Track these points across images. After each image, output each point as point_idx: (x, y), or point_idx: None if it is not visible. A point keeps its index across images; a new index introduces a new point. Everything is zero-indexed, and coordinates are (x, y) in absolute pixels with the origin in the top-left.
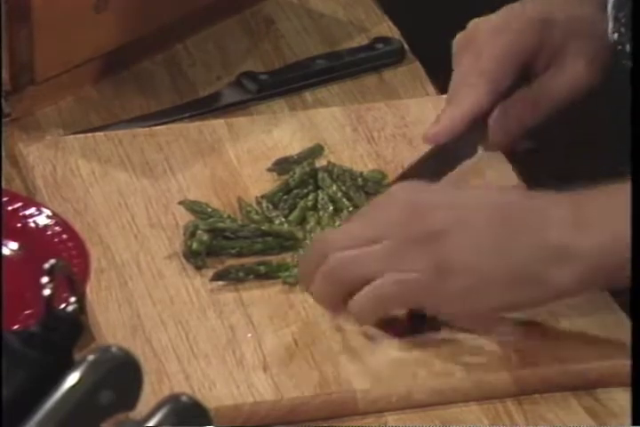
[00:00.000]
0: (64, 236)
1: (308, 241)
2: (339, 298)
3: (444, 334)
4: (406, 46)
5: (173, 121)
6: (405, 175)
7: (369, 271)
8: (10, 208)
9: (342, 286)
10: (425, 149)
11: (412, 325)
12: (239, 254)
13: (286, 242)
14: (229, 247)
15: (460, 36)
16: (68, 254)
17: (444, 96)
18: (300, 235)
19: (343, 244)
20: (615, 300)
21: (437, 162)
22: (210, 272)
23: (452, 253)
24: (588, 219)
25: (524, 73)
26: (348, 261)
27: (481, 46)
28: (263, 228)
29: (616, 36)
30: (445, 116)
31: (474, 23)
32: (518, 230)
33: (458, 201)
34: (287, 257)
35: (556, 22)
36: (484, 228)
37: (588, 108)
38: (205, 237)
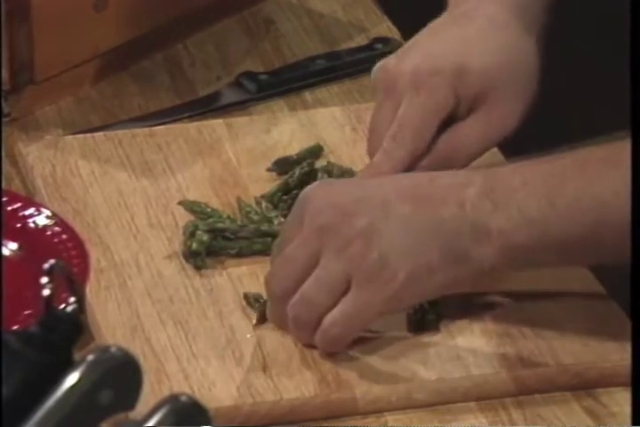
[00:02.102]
0: (63, 236)
1: None
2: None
3: (443, 334)
4: None
5: (173, 121)
6: None
7: (321, 308)
8: (9, 208)
9: (311, 325)
10: None
11: (411, 326)
12: (239, 254)
13: None
14: (229, 248)
15: (379, 75)
16: (67, 254)
17: None
18: None
19: (287, 276)
20: (615, 300)
21: None
22: (209, 272)
23: (386, 246)
24: (502, 196)
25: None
26: (299, 306)
27: (399, 99)
28: (263, 228)
29: None
30: (378, 172)
31: (394, 63)
32: (438, 209)
33: (372, 191)
34: None
35: (475, 71)
36: (406, 213)
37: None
38: (205, 237)
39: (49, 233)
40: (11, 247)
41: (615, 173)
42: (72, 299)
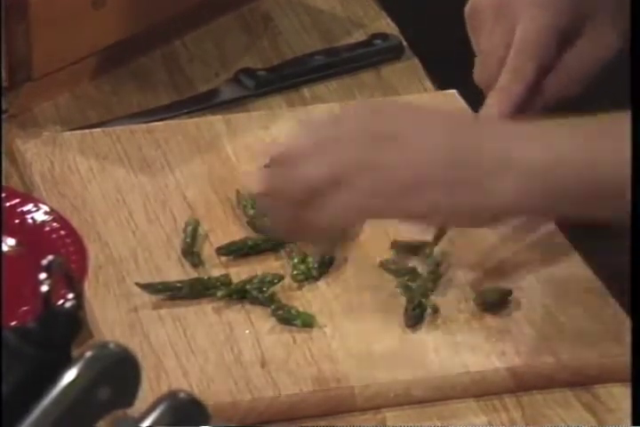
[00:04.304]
0: (62, 232)
1: None
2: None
3: (441, 330)
4: (404, 42)
5: (171, 117)
6: None
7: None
8: (8, 204)
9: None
10: None
11: (410, 321)
12: (247, 254)
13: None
14: (238, 250)
15: (479, 3)
16: (65, 251)
17: (442, 92)
18: None
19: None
20: (614, 297)
21: None
22: (207, 269)
23: (403, 151)
24: (535, 135)
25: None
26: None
27: (516, 17)
28: (268, 224)
29: None
30: (497, 103)
31: None
32: (465, 135)
33: (411, 111)
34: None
35: None
36: (435, 130)
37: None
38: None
39: (47, 229)
40: (9, 243)
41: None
42: (70, 295)
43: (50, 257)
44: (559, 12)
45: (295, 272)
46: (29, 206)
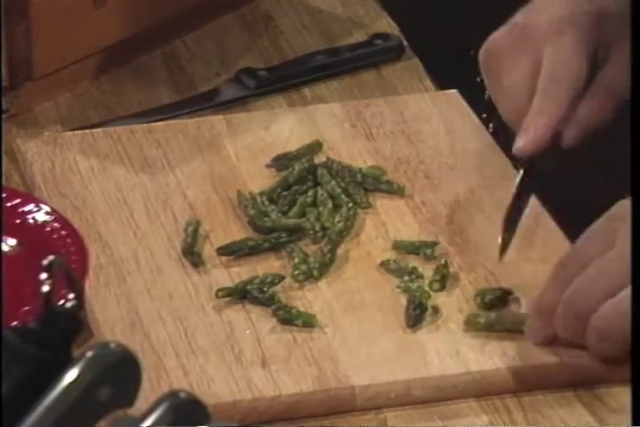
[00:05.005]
0: (63, 232)
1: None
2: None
3: (442, 330)
4: (405, 42)
5: (172, 117)
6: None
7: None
8: (9, 204)
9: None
10: (424, 144)
11: (410, 321)
12: (248, 254)
13: (291, 236)
14: (239, 250)
15: (501, 35)
16: (66, 251)
17: (443, 92)
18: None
19: (596, 291)
20: None
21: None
22: (208, 268)
23: None
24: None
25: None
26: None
27: (540, 47)
28: (269, 224)
29: None
30: (532, 128)
31: (514, 21)
32: None
33: None
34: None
35: (612, 17)
36: None
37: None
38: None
39: (48, 229)
40: (10, 243)
41: None
42: (71, 295)
43: (51, 257)
44: (586, 39)
45: (296, 272)
46: (30, 206)
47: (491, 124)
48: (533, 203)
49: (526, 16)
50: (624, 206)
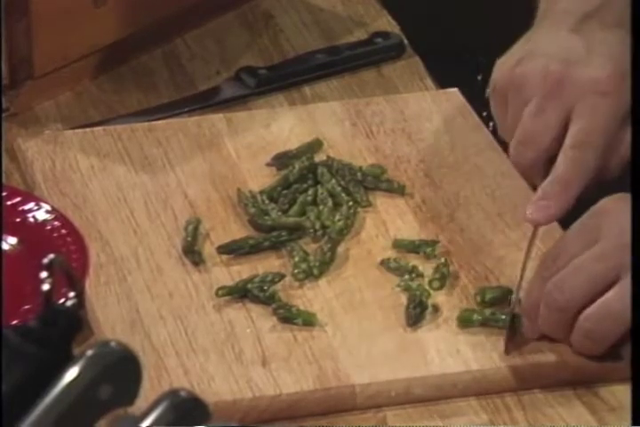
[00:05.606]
0: (63, 231)
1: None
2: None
3: (442, 328)
4: (405, 41)
5: (172, 116)
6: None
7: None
8: (9, 203)
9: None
10: (424, 143)
11: (410, 320)
12: (248, 253)
13: (292, 234)
14: (239, 248)
15: (530, 71)
16: (66, 249)
17: (443, 91)
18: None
19: (579, 286)
20: None
21: None
22: (208, 267)
23: None
24: None
25: None
26: (601, 320)
27: (572, 99)
28: (269, 223)
29: None
30: (555, 201)
31: (549, 62)
32: None
33: None
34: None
35: (628, 76)
36: None
37: None
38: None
39: (48, 228)
40: (10, 242)
41: None
42: (71, 294)
43: (51, 256)
44: (620, 99)
45: (296, 271)
46: (30, 205)
47: (491, 123)
48: None
49: (567, 65)
50: (607, 203)
